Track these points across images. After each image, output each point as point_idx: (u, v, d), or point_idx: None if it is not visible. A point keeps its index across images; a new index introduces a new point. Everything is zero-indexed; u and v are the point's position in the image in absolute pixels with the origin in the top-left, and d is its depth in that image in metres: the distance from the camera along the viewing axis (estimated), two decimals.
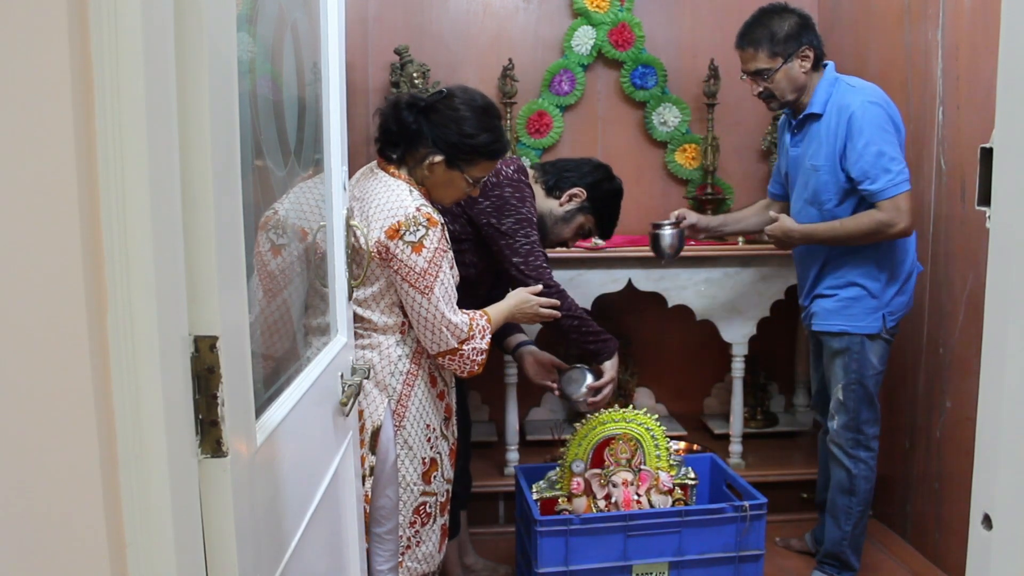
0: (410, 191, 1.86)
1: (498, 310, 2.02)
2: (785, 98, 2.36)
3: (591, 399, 2.31)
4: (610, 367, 2.31)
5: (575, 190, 2.31)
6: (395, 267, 1.80)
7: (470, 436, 2.60)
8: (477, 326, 1.90)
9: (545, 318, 2.14)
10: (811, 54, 2.31)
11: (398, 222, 1.79)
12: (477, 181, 1.95)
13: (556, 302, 2.14)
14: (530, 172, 2.35)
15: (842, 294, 2.36)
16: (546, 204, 2.32)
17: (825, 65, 2.36)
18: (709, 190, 3.16)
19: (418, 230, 1.78)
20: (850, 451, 2.38)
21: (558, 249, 2.82)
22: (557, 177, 2.34)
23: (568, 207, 2.32)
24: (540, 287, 2.11)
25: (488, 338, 1.92)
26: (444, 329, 1.83)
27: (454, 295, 1.88)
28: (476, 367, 1.90)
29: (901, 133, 2.28)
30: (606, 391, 2.32)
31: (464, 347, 1.87)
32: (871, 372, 2.35)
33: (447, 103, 1.90)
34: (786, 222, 2.38)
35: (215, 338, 0.78)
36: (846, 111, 2.25)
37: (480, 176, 1.95)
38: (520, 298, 2.06)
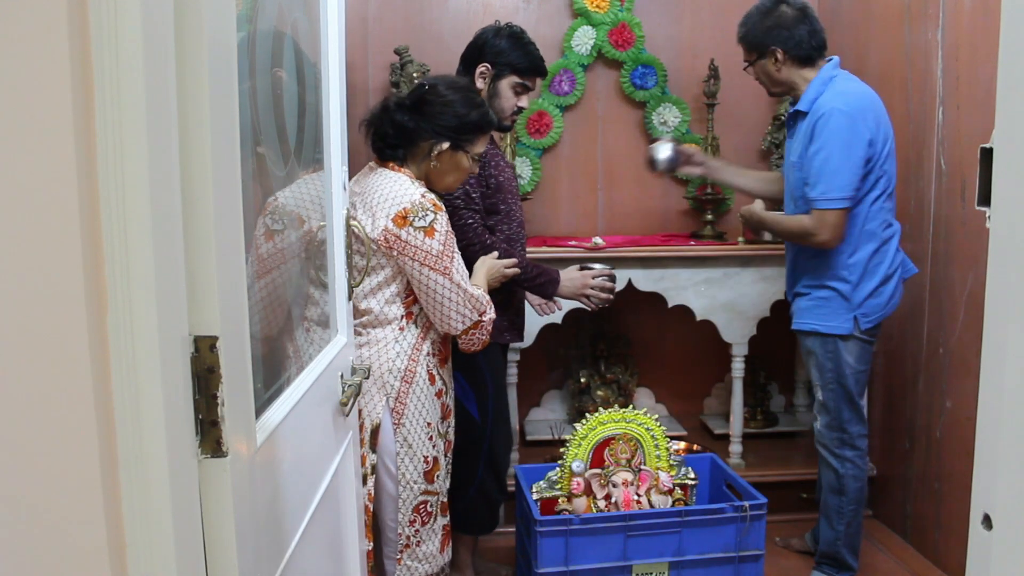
0: (412, 182, 1.91)
1: (479, 281, 2.06)
2: (770, 90, 2.46)
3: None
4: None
5: (480, 68, 2.33)
6: (409, 253, 1.83)
7: (510, 427, 2.57)
8: (485, 298, 1.97)
9: (509, 276, 2.19)
10: (780, 55, 2.32)
11: (405, 209, 1.83)
12: (479, 157, 2.02)
13: (514, 260, 2.20)
14: None
15: (815, 294, 2.38)
16: None
17: (829, 60, 2.35)
18: (709, 190, 3.15)
19: (426, 215, 1.84)
20: (836, 451, 2.39)
21: (557, 250, 2.84)
22: (464, 74, 2.35)
23: (487, 85, 2.33)
24: (496, 253, 2.17)
25: (493, 308, 1.99)
26: (468, 304, 1.89)
27: (467, 273, 1.93)
28: (488, 337, 1.98)
29: (875, 146, 2.23)
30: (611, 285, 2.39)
31: (483, 318, 1.94)
32: (848, 371, 2.34)
33: (433, 93, 1.96)
34: (756, 205, 2.50)
35: (215, 338, 0.78)
36: (818, 113, 2.26)
37: (479, 151, 2.01)
38: (488, 264, 2.11)
